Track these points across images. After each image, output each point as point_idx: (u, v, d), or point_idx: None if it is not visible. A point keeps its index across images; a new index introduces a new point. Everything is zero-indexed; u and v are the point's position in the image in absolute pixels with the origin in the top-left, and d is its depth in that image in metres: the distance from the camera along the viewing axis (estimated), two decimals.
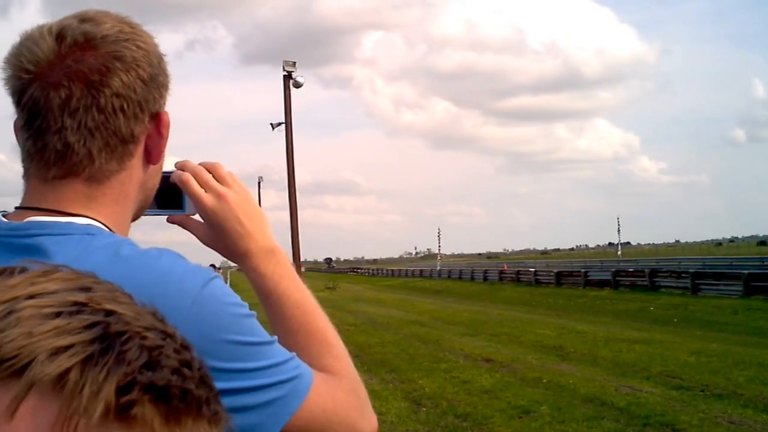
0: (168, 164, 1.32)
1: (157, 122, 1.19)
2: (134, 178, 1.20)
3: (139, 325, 0.48)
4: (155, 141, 1.20)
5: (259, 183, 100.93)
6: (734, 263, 48.66)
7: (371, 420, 1.31)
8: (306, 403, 1.17)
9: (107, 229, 1.14)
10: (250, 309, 1.17)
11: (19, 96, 1.10)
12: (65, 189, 1.13)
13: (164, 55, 1.21)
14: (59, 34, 1.09)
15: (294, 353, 1.20)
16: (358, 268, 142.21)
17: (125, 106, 1.11)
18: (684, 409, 9.71)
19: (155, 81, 1.16)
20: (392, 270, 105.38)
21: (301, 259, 41.96)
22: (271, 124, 41.92)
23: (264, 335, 1.16)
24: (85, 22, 1.11)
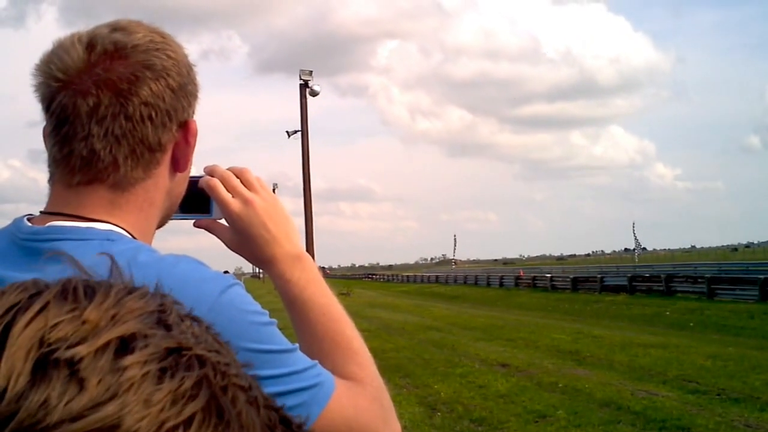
0: (196, 169, 1.33)
1: (185, 131, 1.20)
2: (160, 186, 1.20)
3: (225, 365, 0.48)
4: (182, 149, 1.21)
5: (274, 190, 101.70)
6: (750, 268, 48.11)
7: (395, 428, 1.30)
8: (326, 410, 1.16)
9: (129, 236, 1.14)
10: (271, 316, 1.18)
11: (48, 103, 1.11)
12: (89, 195, 1.14)
13: (194, 65, 1.23)
14: (89, 42, 1.10)
15: (316, 361, 1.20)
16: (373, 274, 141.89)
17: (153, 114, 1.12)
18: (700, 413, 9.67)
19: (184, 90, 1.17)
20: (407, 276, 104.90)
21: (317, 266, 41.79)
22: (287, 131, 42.38)
23: (284, 343, 1.16)
24: (116, 31, 1.13)
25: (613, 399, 10.70)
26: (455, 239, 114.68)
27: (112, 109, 1.09)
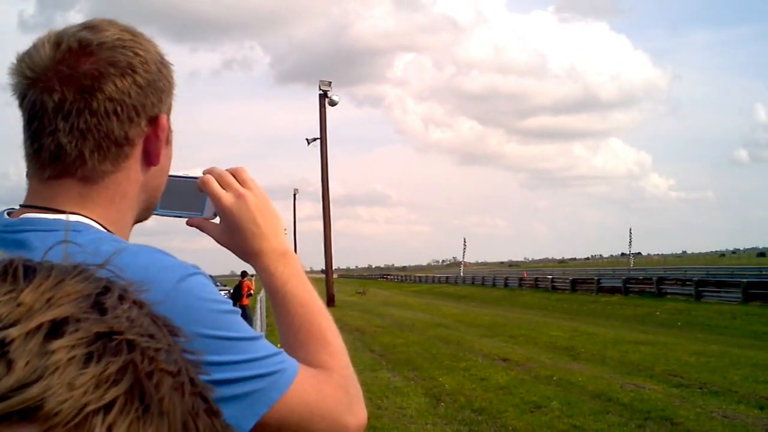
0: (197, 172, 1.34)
1: (155, 125, 1.16)
2: (132, 179, 1.16)
3: (155, 351, 0.47)
4: (153, 143, 1.16)
5: (294, 195, 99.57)
6: (735, 272, 48.11)
7: (359, 415, 1.25)
8: (286, 395, 1.12)
9: (101, 227, 1.11)
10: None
11: (21, 100, 1.10)
12: (60, 188, 1.11)
13: (171, 65, 1.20)
14: (57, 41, 1.08)
15: (281, 349, 1.18)
16: (388, 275, 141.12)
17: (119, 109, 1.09)
18: (683, 405, 9.69)
19: (153, 86, 1.14)
20: (420, 276, 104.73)
21: (334, 267, 41.58)
22: (307, 139, 42.05)
23: (246, 331, 1.11)
24: (85, 29, 1.10)
25: (603, 391, 10.71)
26: (464, 242, 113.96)
27: (76, 104, 1.06)
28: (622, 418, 9.07)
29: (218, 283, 37.12)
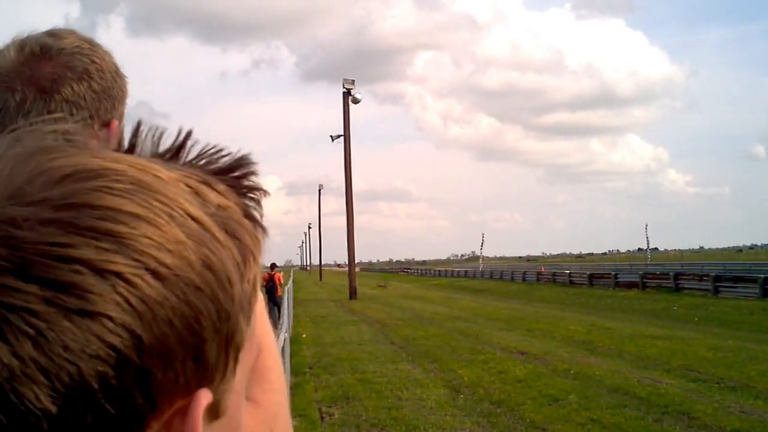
0: None
1: (108, 131, 1.17)
2: None
3: None
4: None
5: (319, 190, 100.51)
6: (752, 268, 47.65)
7: None
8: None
9: None
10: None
11: None
12: None
13: (125, 76, 1.23)
14: (21, 45, 1.12)
15: None
16: (408, 269, 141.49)
17: (74, 111, 1.12)
18: (700, 399, 9.61)
19: (107, 93, 1.17)
20: (439, 270, 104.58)
21: (356, 261, 41.68)
22: (331, 136, 42.21)
23: None
24: (48, 36, 1.14)
25: (620, 385, 10.64)
26: (483, 237, 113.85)
27: (36, 104, 1.09)
28: (640, 412, 9.00)
29: None
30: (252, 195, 0.52)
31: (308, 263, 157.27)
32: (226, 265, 0.45)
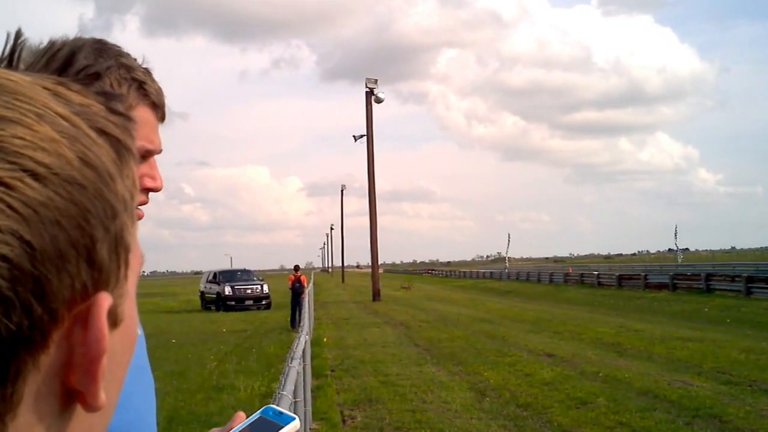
0: None
1: None
2: None
3: None
4: None
5: (342, 191, 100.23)
6: None
7: None
8: None
9: None
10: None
11: None
12: None
13: None
14: None
15: None
16: (433, 270, 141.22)
17: None
18: (732, 403, 9.51)
19: None
20: (464, 271, 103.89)
21: (379, 262, 41.55)
22: (354, 136, 42.39)
23: None
24: None
25: (650, 388, 10.58)
26: (509, 238, 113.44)
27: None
28: (670, 416, 8.95)
29: (256, 277, 37.60)
30: (110, 94, 0.50)
31: (329, 265, 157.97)
32: (104, 161, 0.44)
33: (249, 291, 35.25)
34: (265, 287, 35.76)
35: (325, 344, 16.86)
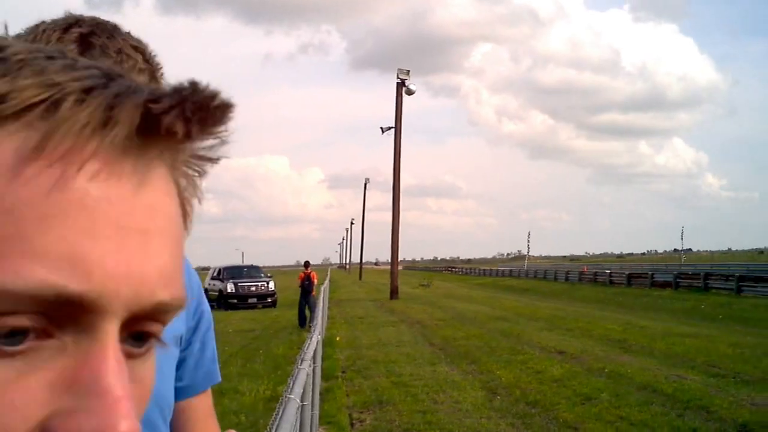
0: None
1: None
2: None
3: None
4: None
5: (365, 184, 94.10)
6: None
7: None
8: (210, 390, 1.31)
9: None
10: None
11: None
12: None
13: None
14: None
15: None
16: (453, 267, 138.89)
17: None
18: (718, 394, 9.82)
19: None
20: (484, 269, 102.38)
21: (399, 258, 38.95)
22: (381, 128, 40.01)
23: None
24: None
25: (649, 383, 10.70)
26: (529, 236, 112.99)
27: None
28: (665, 408, 9.14)
29: (263, 274, 34.72)
30: None
31: (347, 261, 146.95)
32: None
33: (253, 288, 32.48)
34: (271, 284, 33.12)
35: (337, 344, 16.00)
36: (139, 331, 0.40)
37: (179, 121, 0.37)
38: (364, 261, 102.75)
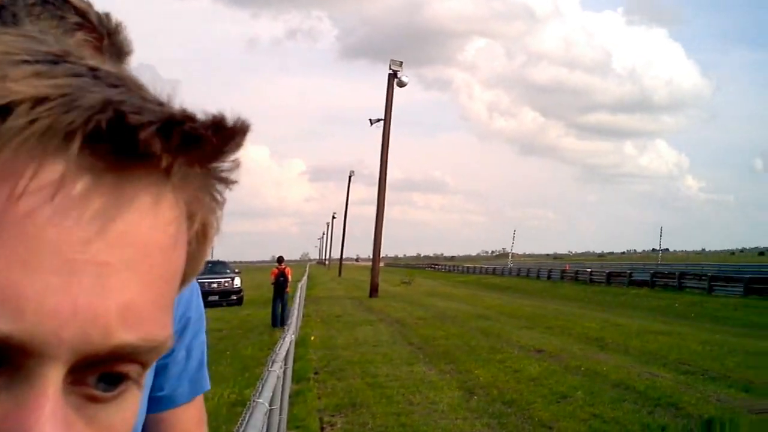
0: None
1: None
2: None
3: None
4: None
5: (350, 177, 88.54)
6: (741, 269, 48.08)
7: None
8: (201, 397, 1.23)
9: None
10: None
11: None
12: None
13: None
14: None
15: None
16: (436, 264, 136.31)
17: None
18: (687, 391, 9.96)
19: None
20: (467, 267, 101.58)
21: (382, 254, 37.65)
22: (370, 119, 38.63)
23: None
24: None
25: (623, 380, 10.77)
26: (514, 234, 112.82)
27: None
28: (636, 405, 9.22)
29: (229, 270, 31.87)
30: None
31: (327, 257, 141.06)
32: None
33: (215, 285, 29.10)
34: (237, 281, 30.31)
35: (311, 344, 15.33)
36: (110, 372, 0.35)
37: (157, 141, 0.32)
38: (344, 257, 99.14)
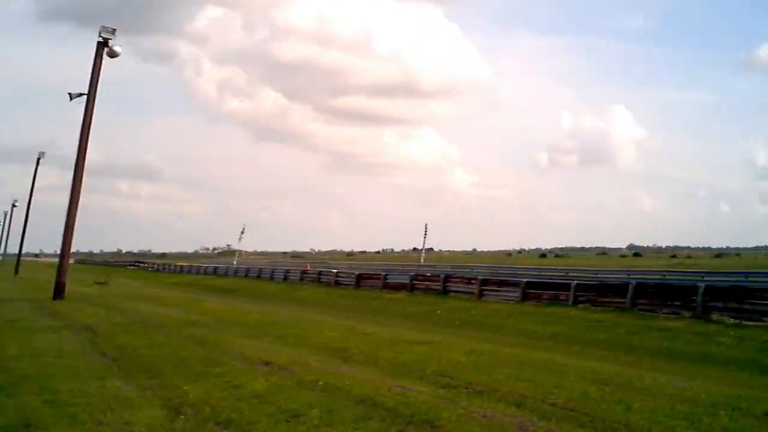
0: None
1: None
2: None
3: None
4: None
5: (38, 159, 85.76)
6: (517, 272, 52.49)
7: None
8: None
9: None
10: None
11: None
12: None
13: None
14: None
15: None
16: (142, 262, 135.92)
17: None
18: (447, 406, 10.37)
19: None
20: (182, 266, 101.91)
21: (73, 250, 38.37)
22: (70, 93, 38.37)
23: None
24: None
25: (370, 395, 11.09)
26: (243, 229, 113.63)
27: None
28: (384, 424, 9.44)
29: None
30: None
31: (2, 252, 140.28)
32: None
33: None
34: None
35: None
36: None
37: None
38: (24, 252, 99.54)
